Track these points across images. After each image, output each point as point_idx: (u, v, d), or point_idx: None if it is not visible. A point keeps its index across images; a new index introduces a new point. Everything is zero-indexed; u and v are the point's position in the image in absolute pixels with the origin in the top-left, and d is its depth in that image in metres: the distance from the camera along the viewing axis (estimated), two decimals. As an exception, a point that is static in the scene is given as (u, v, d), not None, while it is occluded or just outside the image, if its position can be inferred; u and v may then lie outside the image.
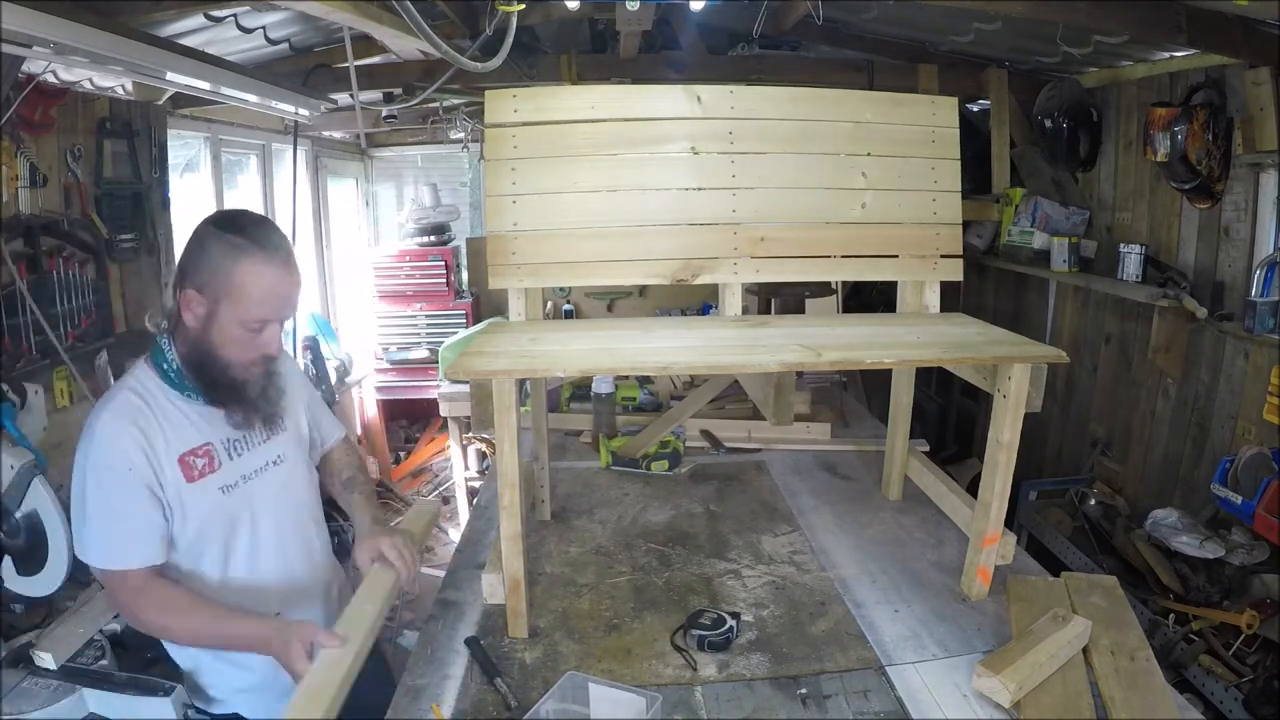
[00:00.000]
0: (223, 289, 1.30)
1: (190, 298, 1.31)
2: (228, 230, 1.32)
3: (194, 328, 1.33)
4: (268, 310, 1.34)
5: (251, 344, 1.36)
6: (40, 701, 1.63)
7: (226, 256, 1.30)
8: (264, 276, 1.31)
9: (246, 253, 1.30)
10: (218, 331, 1.32)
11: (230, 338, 1.33)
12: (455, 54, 2.13)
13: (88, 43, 1.86)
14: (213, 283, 1.30)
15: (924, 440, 2.63)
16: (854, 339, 1.74)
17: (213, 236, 1.31)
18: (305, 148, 4.59)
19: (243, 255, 1.30)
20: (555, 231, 1.87)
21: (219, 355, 1.34)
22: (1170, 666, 2.36)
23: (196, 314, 1.32)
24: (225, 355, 1.35)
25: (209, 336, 1.33)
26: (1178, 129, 2.76)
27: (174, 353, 1.37)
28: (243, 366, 1.37)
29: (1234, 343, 2.82)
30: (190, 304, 1.32)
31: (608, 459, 2.49)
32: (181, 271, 1.33)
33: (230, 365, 1.36)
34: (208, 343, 1.33)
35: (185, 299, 1.32)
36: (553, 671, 1.47)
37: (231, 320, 1.32)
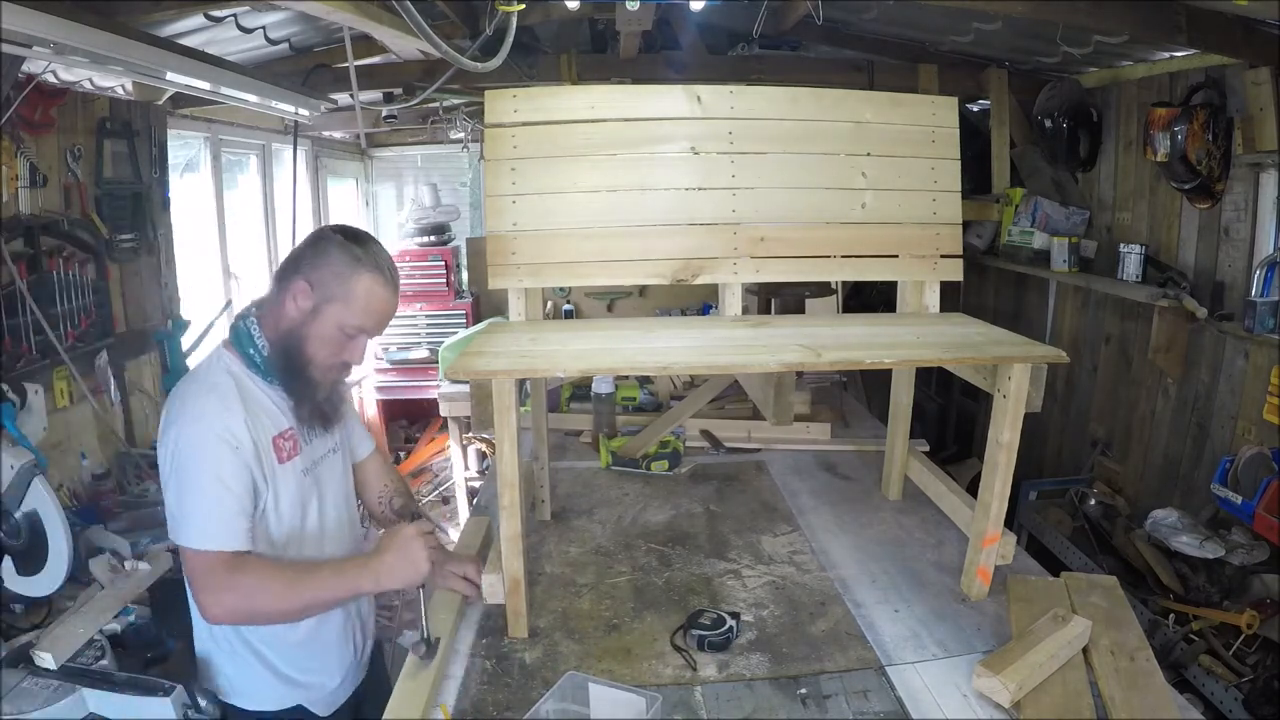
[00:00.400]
0: (336, 291, 1.39)
1: (301, 288, 1.39)
2: (354, 243, 1.42)
3: (294, 317, 1.40)
4: (368, 323, 1.43)
5: (340, 348, 1.44)
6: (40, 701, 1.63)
7: (347, 264, 1.39)
8: (376, 292, 1.42)
9: (368, 267, 1.40)
10: (316, 327, 1.40)
11: (324, 336, 1.41)
12: (455, 54, 2.13)
13: (88, 43, 1.86)
14: (328, 282, 1.39)
15: (924, 440, 2.63)
16: (854, 339, 1.74)
17: (338, 244, 1.41)
18: (305, 148, 4.59)
19: (363, 268, 1.40)
20: (555, 231, 1.87)
21: (306, 349, 1.41)
22: (1170, 666, 2.36)
23: (301, 306, 1.39)
24: (312, 351, 1.41)
25: (305, 329, 1.40)
26: (1178, 129, 2.76)
27: (263, 338, 1.42)
28: (324, 368, 1.45)
29: (1234, 343, 2.82)
30: (299, 294, 1.39)
31: (608, 459, 2.49)
32: (295, 264, 1.41)
33: (313, 362, 1.42)
34: (302, 335, 1.40)
35: (295, 288, 1.39)
36: (553, 671, 1.47)
37: (332, 321, 1.40)
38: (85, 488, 2.51)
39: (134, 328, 2.90)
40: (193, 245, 3.51)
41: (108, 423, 2.66)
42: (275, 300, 1.43)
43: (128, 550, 2.11)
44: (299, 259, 1.43)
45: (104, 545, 2.10)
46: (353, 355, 1.46)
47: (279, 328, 1.42)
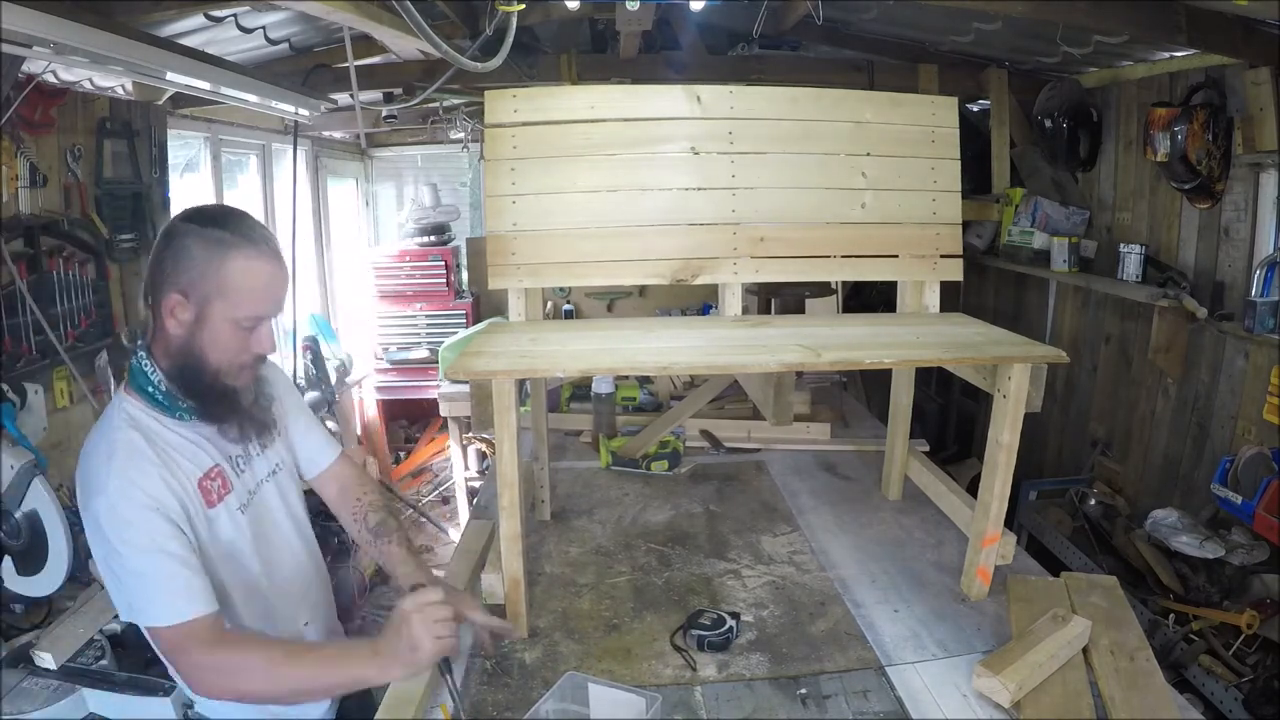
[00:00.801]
0: (212, 288, 1.20)
1: (174, 302, 1.20)
2: (209, 226, 1.21)
3: (179, 335, 1.22)
4: (261, 306, 1.25)
5: (244, 345, 1.26)
6: (40, 701, 1.64)
7: (213, 253, 1.19)
8: (255, 271, 1.22)
9: (234, 247, 1.21)
10: (208, 334, 1.22)
11: (222, 340, 1.23)
12: (455, 54, 2.13)
13: (88, 43, 1.86)
14: (199, 283, 1.19)
15: (924, 440, 2.63)
16: (854, 339, 1.74)
17: (192, 234, 1.20)
18: (305, 148, 4.59)
19: (230, 250, 1.20)
20: (555, 231, 1.87)
21: (209, 361, 1.24)
22: (1170, 666, 2.36)
23: (182, 319, 1.21)
24: (216, 360, 1.24)
25: (198, 342, 1.22)
26: (1178, 129, 2.76)
27: (157, 372, 1.24)
28: (234, 371, 1.28)
29: (1234, 343, 2.82)
30: (174, 309, 1.21)
31: (608, 459, 2.49)
32: (158, 276, 1.21)
33: (221, 371, 1.25)
34: (196, 349, 1.22)
35: (168, 305, 1.20)
36: (552, 671, 1.47)
37: (223, 320, 1.22)
38: (85, 488, 2.51)
39: (134, 328, 2.89)
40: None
41: (108, 423, 2.66)
42: (155, 324, 1.24)
43: (128, 550, 2.11)
44: (161, 269, 1.21)
45: (104, 545, 2.10)
46: (260, 345, 1.28)
47: (170, 351, 1.24)
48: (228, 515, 1.29)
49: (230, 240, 1.21)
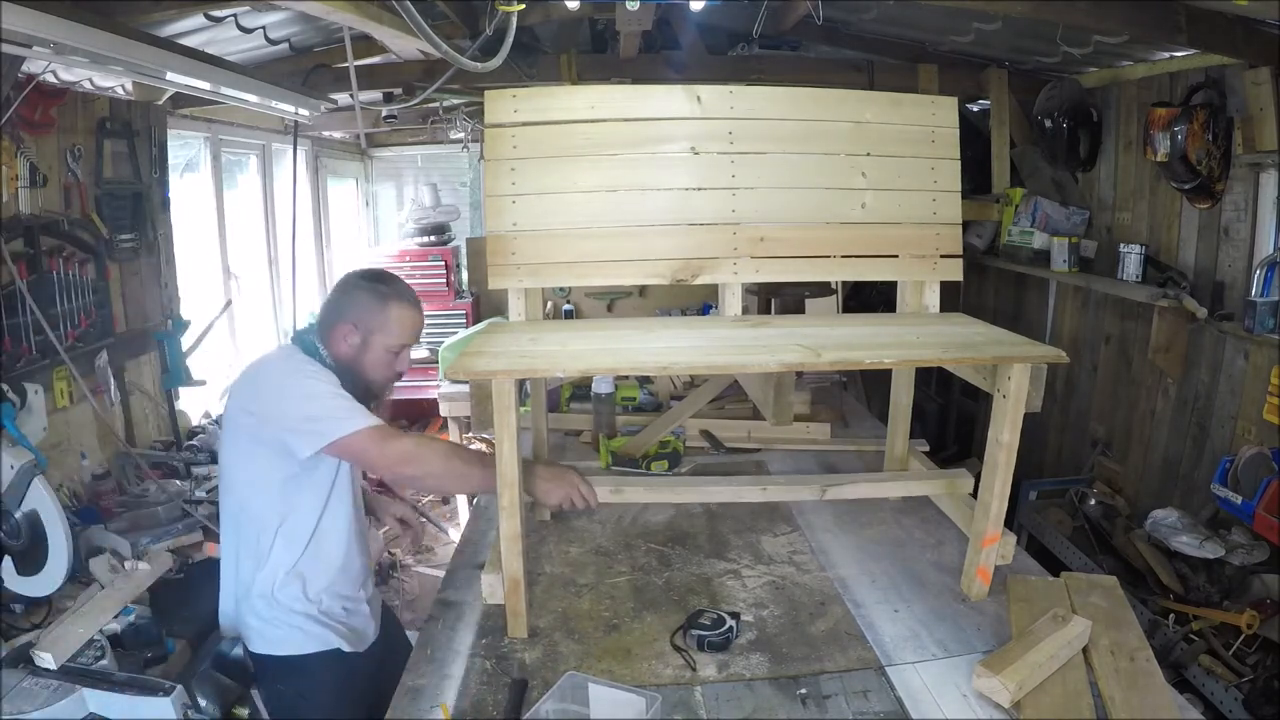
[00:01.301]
0: (376, 324, 1.67)
1: (347, 330, 1.67)
2: (378, 282, 1.71)
3: (348, 353, 1.68)
4: (406, 339, 1.71)
5: (391, 364, 1.72)
6: (40, 701, 1.63)
7: (378, 300, 1.68)
8: (405, 316, 1.70)
9: (393, 299, 1.69)
10: (369, 355, 1.68)
11: (377, 360, 1.69)
12: (455, 54, 2.13)
13: (88, 43, 1.86)
14: (366, 319, 1.67)
15: (924, 440, 2.62)
16: (854, 339, 1.74)
17: (365, 288, 1.69)
18: (305, 148, 4.59)
19: (391, 300, 1.68)
20: (555, 231, 1.87)
21: (366, 374, 1.69)
22: (1170, 666, 2.36)
23: (351, 343, 1.67)
24: (371, 374, 1.70)
25: (361, 359, 1.68)
26: (1178, 129, 2.76)
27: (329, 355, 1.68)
28: (382, 383, 1.74)
29: (1234, 343, 2.82)
30: (347, 335, 1.67)
31: (608, 459, 2.49)
32: (336, 311, 1.69)
33: (373, 382, 1.72)
34: (360, 364, 1.68)
35: (342, 330, 1.67)
36: (553, 671, 1.47)
37: (379, 347, 1.68)
38: (85, 488, 2.51)
39: (134, 328, 2.90)
40: (193, 245, 3.51)
41: (108, 423, 2.66)
42: (327, 340, 1.69)
43: (128, 550, 2.11)
44: (338, 306, 1.70)
45: (104, 545, 2.10)
46: (402, 366, 1.75)
47: (338, 360, 1.69)
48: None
49: (390, 293, 1.70)
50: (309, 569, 1.67)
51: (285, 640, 1.67)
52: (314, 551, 1.68)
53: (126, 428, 2.81)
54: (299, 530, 1.66)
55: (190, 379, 3.12)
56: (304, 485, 1.64)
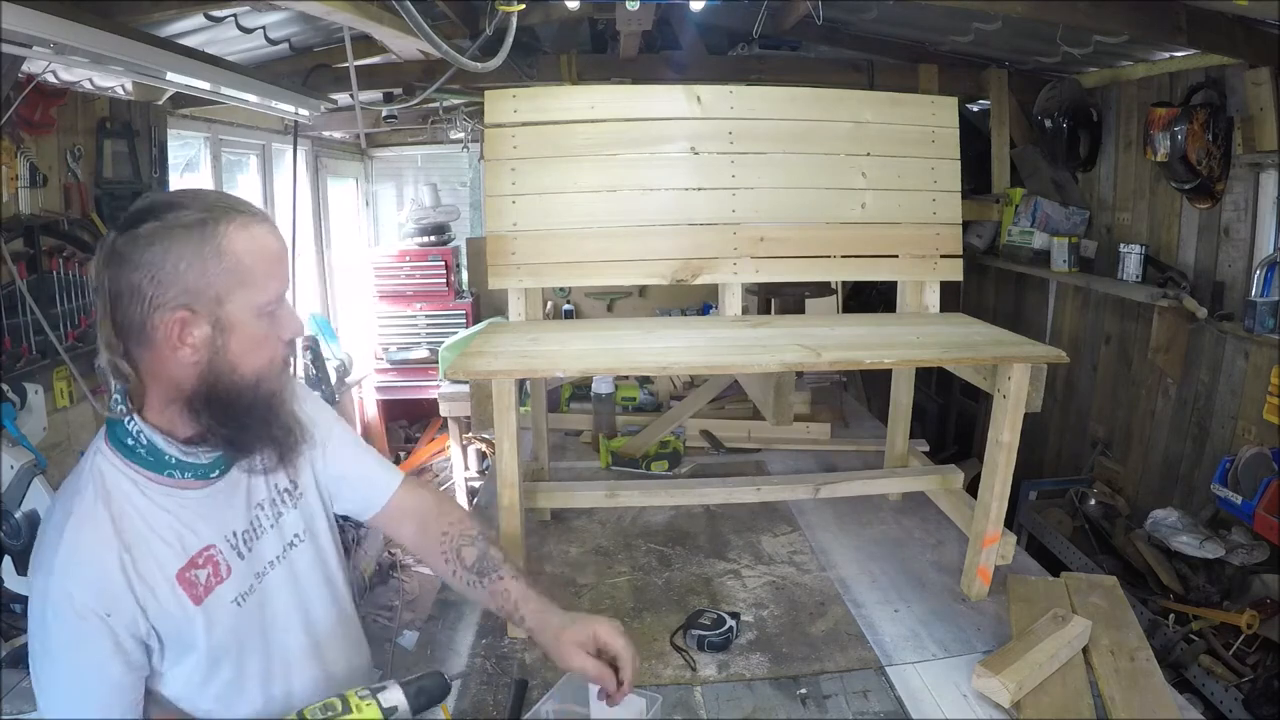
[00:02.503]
0: (221, 282, 0.95)
1: (179, 319, 0.93)
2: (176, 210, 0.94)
3: (195, 363, 0.96)
4: (277, 280, 1.01)
5: (273, 335, 1.02)
6: (40, 701, 1.63)
7: (205, 239, 0.93)
8: (257, 240, 0.98)
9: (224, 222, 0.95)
10: (236, 341, 0.97)
11: (253, 342, 0.99)
12: (455, 54, 2.12)
13: (88, 43, 1.86)
14: (205, 287, 0.94)
15: (924, 440, 2.63)
16: (854, 339, 1.74)
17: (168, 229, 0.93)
18: (305, 148, 4.58)
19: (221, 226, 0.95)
20: (555, 231, 1.87)
21: (246, 373, 0.99)
22: (1170, 666, 2.36)
23: (199, 336, 0.95)
24: (254, 367, 1.00)
25: (226, 355, 0.97)
26: (1178, 129, 2.76)
27: (136, 421, 0.99)
28: (275, 373, 1.04)
29: (1234, 343, 2.82)
30: (180, 330, 0.94)
31: (608, 459, 2.49)
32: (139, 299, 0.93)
33: (262, 379, 1.01)
34: (226, 364, 0.98)
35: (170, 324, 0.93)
36: (553, 672, 1.46)
37: (247, 314, 0.98)
38: (85, 488, 2.51)
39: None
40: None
41: (108, 423, 2.66)
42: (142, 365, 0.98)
43: (128, 550, 2.11)
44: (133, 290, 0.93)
45: (104, 545, 2.10)
46: (290, 326, 1.04)
47: (182, 387, 0.98)
48: (220, 609, 1.03)
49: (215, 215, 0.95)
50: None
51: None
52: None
53: (126, 428, 2.81)
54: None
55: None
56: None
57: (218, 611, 1.03)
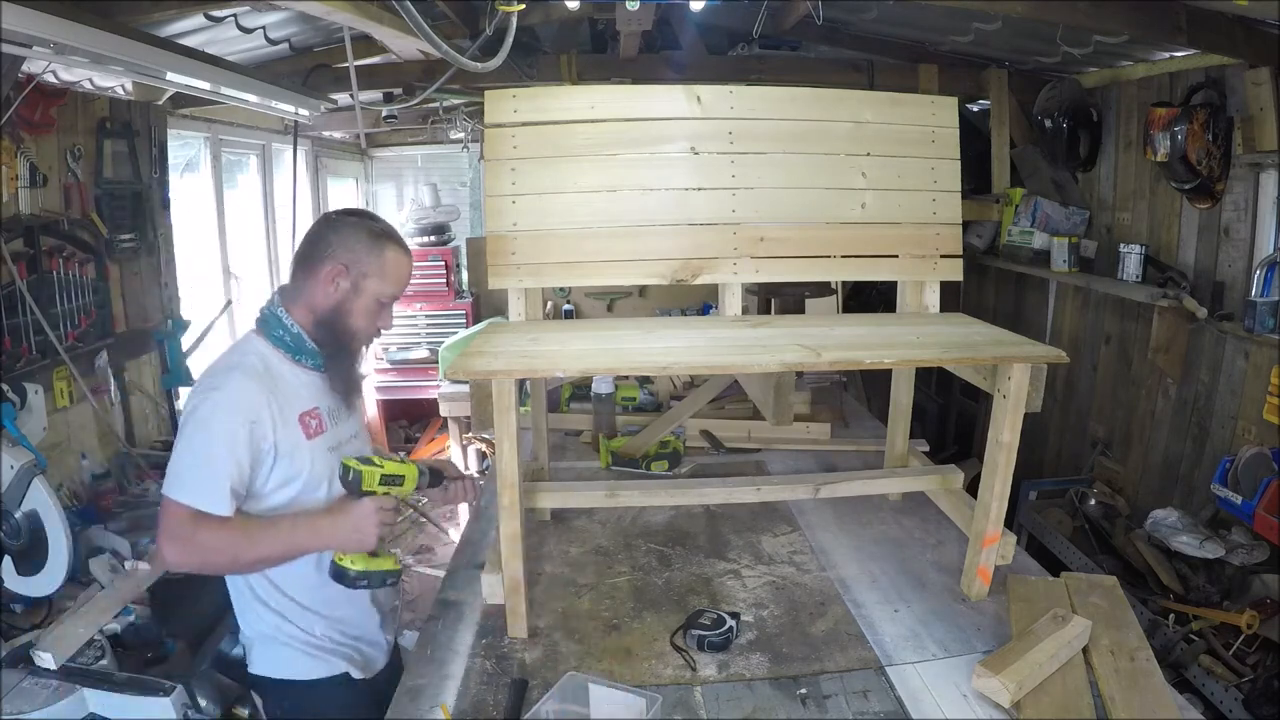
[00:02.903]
0: (370, 267, 1.51)
1: (336, 270, 1.50)
2: (368, 219, 1.56)
3: (335, 297, 1.51)
4: (398, 289, 1.57)
5: (375, 317, 1.56)
6: (40, 701, 1.64)
7: (373, 241, 1.52)
8: (401, 262, 1.56)
9: (389, 240, 1.54)
10: (359, 302, 1.52)
11: (366, 309, 1.53)
12: (455, 54, 2.12)
13: (88, 43, 1.86)
14: (359, 262, 1.50)
15: (924, 440, 2.63)
16: (854, 339, 1.74)
17: (354, 225, 1.53)
18: (305, 148, 4.59)
19: (387, 241, 1.53)
20: (555, 231, 1.87)
21: (349, 322, 1.53)
22: (1170, 666, 2.36)
23: (339, 286, 1.51)
24: (356, 324, 1.54)
25: (348, 305, 1.52)
26: (1178, 129, 2.75)
27: (293, 322, 1.52)
28: (364, 336, 1.58)
29: (1234, 343, 2.82)
30: (336, 276, 1.50)
31: (608, 459, 2.49)
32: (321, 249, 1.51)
33: (356, 334, 1.56)
34: (346, 311, 1.52)
35: (330, 272, 1.50)
36: (553, 671, 1.47)
37: (371, 294, 1.52)
38: (85, 488, 2.51)
39: (134, 328, 2.90)
40: (193, 245, 3.51)
41: (108, 423, 2.66)
42: (303, 287, 1.53)
43: (128, 550, 2.11)
44: (324, 244, 1.52)
45: (104, 545, 2.10)
46: (385, 321, 1.59)
47: (317, 310, 1.52)
48: (320, 451, 1.52)
49: (386, 234, 1.55)
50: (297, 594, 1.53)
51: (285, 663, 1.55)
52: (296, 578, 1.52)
53: (126, 428, 2.81)
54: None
55: (190, 379, 3.12)
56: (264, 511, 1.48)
57: (319, 450, 1.52)
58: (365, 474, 1.44)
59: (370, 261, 1.51)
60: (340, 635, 1.58)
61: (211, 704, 2.21)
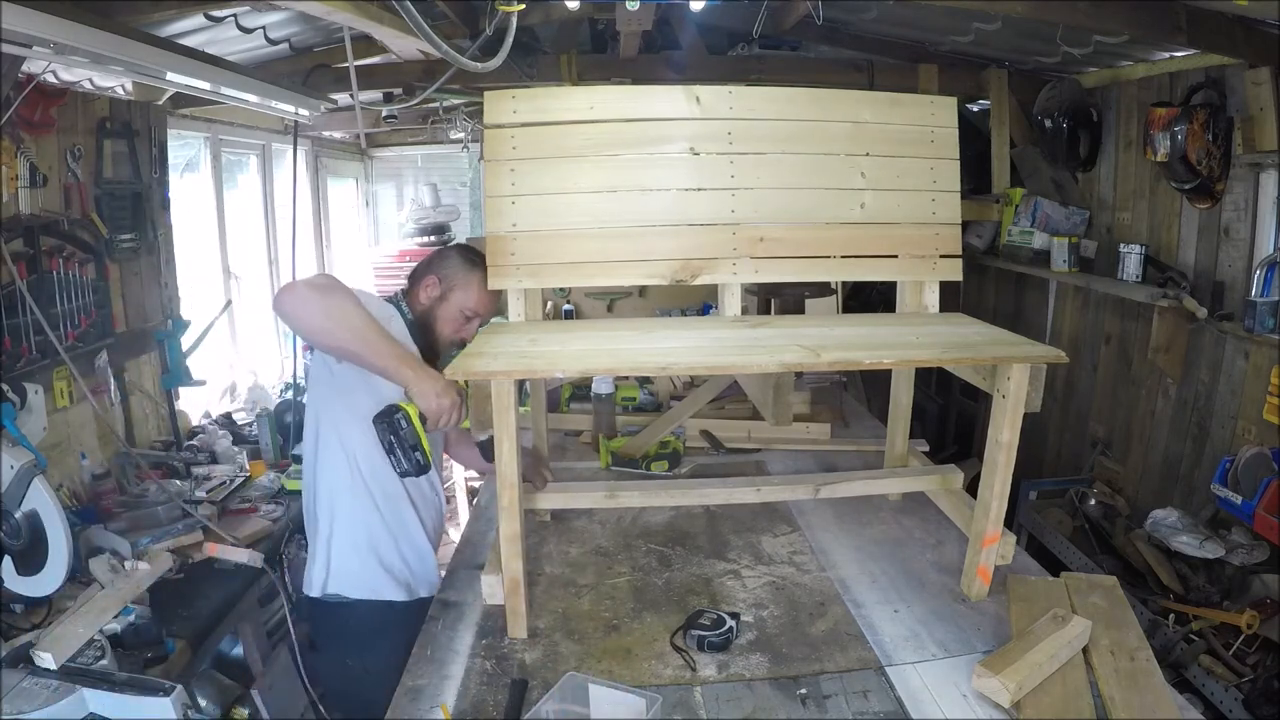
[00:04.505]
0: (458, 281, 1.85)
1: (431, 281, 1.86)
2: (469, 252, 1.92)
3: (425, 303, 1.87)
4: (481, 309, 1.87)
5: (460, 327, 1.86)
6: (40, 701, 1.63)
7: (466, 264, 1.87)
8: (487, 285, 1.84)
9: (480, 268, 1.85)
10: (445, 309, 1.85)
11: (450, 316, 1.85)
12: (455, 54, 2.12)
13: (88, 43, 1.86)
14: (451, 276, 1.86)
15: (924, 440, 2.62)
16: (853, 339, 1.74)
17: (457, 253, 1.92)
18: (305, 148, 4.59)
19: (478, 268, 1.85)
20: (555, 232, 1.87)
21: (436, 326, 1.86)
22: (1170, 666, 2.36)
23: (430, 294, 1.86)
24: (440, 328, 1.86)
25: (436, 310, 1.86)
26: (1178, 129, 2.76)
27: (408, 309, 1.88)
28: (447, 342, 1.87)
29: (1234, 343, 2.82)
30: (429, 286, 1.86)
31: (607, 459, 2.49)
32: (426, 266, 1.90)
33: (440, 337, 1.86)
34: (433, 315, 1.86)
35: (427, 281, 1.86)
36: (553, 672, 1.47)
37: (456, 305, 1.85)
38: (85, 488, 2.51)
39: (134, 328, 2.90)
40: (193, 245, 3.51)
41: (108, 423, 2.67)
42: (411, 292, 1.90)
43: (128, 550, 2.11)
44: (429, 263, 1.91)
45: (104, 545, 2.10)
46: (468, 334, 1.85)
47: (416, 310, 1.88)
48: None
49: (479, 264, 1.86)
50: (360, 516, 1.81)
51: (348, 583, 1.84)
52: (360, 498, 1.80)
53: (126, 428, 2.81)
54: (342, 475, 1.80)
55: (190, 379, 3.12)
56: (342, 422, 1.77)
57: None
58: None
59: (459, 277, 1.85)
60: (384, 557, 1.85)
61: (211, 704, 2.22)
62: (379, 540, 1.85)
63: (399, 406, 1.54)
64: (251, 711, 2.28)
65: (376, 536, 1.84)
